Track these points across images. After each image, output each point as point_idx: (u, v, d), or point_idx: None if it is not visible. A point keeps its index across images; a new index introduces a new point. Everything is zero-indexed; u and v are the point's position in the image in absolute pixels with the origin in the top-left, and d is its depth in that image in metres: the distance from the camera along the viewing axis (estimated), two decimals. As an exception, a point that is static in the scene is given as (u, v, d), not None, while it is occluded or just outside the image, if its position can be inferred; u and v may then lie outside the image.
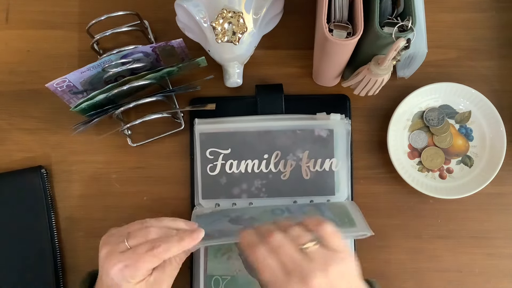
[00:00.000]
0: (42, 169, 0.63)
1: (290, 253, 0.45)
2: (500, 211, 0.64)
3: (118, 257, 0.49)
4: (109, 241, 0.51)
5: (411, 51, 0.59)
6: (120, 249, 0.50)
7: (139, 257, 0.49)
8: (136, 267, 0.48)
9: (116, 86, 0.58)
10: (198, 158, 0.62)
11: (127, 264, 0.48)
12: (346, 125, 0.62)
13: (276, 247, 0.46)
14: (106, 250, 0.50)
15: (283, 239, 0.46)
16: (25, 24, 0.67)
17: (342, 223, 0.55)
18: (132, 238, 0.50)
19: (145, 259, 0.48)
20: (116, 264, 0.48)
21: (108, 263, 0.49)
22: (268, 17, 0.60)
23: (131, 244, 0.50)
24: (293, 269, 0.44)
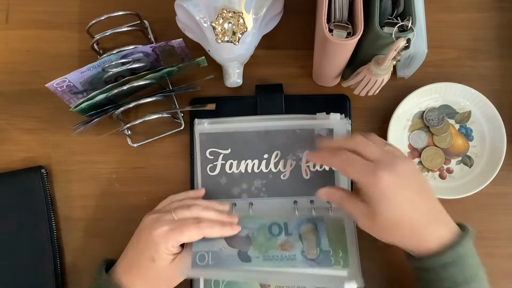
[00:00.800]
0: (42, 169, 0.63)
1: (374, 148, 0.52)
2: (500, 211, 0.64)
3: (166, 222, 0.52)
4: (156, 213, 0.55)
5: (411, 51, 0.59)
6: (167, 217, 0.53)
7: (186, 225, 0.52)
8: (181, 232, 0.52)
9: (116, 86, 0.58)
10: (198, 158, 0.62)
11: (173, 227, 0.52)
12: (346, 125, 0.62)
13: (361, 145, 0.53)
14: (153, 216, 0.54)
15: (366, 140, 0.53)
16: (25, 24, 0.67)
17: (335, 257, 0.56)
18: (178, 212, 0.54)
19: (190, 228, 0.52)
20: (163, 226, 0.52)
21: (155, 225, 0.52)
22: (268, 17, 0.60)
23: (178, 216, 0.53)
24: (379, 157, 0.51)
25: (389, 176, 0.49)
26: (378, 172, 0.49)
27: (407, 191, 0.50)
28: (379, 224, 0.50)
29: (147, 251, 0.52)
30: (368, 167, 0.50)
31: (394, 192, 0.49)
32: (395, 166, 0.50)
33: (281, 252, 0.56)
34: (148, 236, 0.52)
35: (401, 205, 0.49)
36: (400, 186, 0.50)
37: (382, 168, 0.49)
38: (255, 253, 0.56)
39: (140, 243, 0.53)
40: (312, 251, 0.56)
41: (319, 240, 0.57)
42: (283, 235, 0.57)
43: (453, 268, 0.50)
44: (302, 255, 0.56)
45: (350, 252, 0.57)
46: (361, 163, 0.51)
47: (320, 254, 0.56)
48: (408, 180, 0.50)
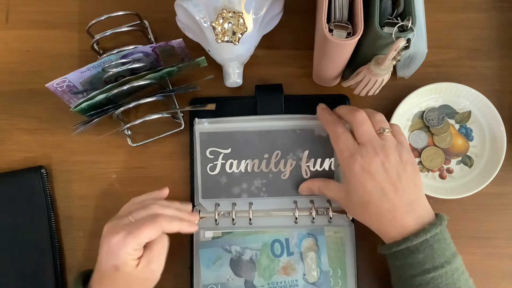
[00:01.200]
0: (42, 169, 0.63)
1: (368, 129, 0.54)
2: (500, 211, 0.64)
3: (122, 227, 0.51)
4: (114, 219, 0.54)
5: (411, 51, 0.59)
6: (123, 222, 0.52)
7: (142, 224, 0.51)
8: (138, 233, 0.50)
9: (116, 86, 0.58)
10: (198, 158, 0.62)
11: (130, 231, 0.50)
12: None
13: (358, 122, 0.54)
14: (110, 223, 0.53)
15: (366, 118, 0.55)
16: (25, 24, 0.67)
17: (334, 277, 0.60)
18: (134, 213, 0.53)
19: (147, 226, 0.51)
20: (119, 232, 0.50)
21: (111, 233, 0.51)
22: (268, 17, 0.60)
23: (135, 218, 0.52)
24: (367, 141, 0.53)
25: (363, 163, 0.52)
26: (355, 156, 0.53)
27: (378, 180, 0.52)
28: (351, 202, 0.54)
29: (109, 261, 0.51)
30: (350, 148, 0.54)
31: (364, 178, 0.52)
32: (375, 156, 0.52)
33: (284, 277, 0.60)
34: (108, 245, 0.51)
35: (369, 191, 0.52)
36: (371, 174, 0.52)
37: (361, 154, 0.53)
38: (260, 281, 0.60)
39: (102, 253, 0.52)
40: (313, 273, 0.60)
41: (319, 258, 0.60)
42: (285, 255, 0.60)
43: (419, 254, 0.51)
44: (303, 280, 0.60)
45: (348, 270, 0.60)
46: (346, 142, 0.54)
47: (320, 275, 0.60)
48: (382, 172, 0.52)
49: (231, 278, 0.60)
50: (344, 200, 0.56)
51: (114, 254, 0.50)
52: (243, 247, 0.61)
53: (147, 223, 0.51)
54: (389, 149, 0.53)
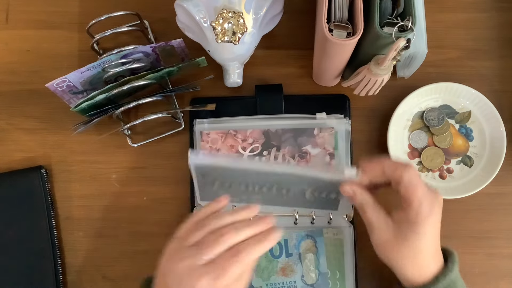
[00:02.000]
0: (42, 169, 0.63)
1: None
2: (500, 211, 0.64)
3: (204, 269, 0.46)
4: (183, 255, 0.47)
5: (411, 51, 0.59)
6: (199, 261, 0.46)
7: (227, 265, 0.46)
8: (225, 276, 0.45)
9: (116, 86, 0.58)
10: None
11: (215, 276, 0.45)
12: (346, 125, 0.62)
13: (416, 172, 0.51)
14: (186, 264, 0.46)
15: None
16: (25, 24, 0.67)
17: (332, 279, 0.60)
18: (207, 249, 0.47)
19: (232, 266, 0.46)
20: (203, 277, 0.45)
21: (192, 278, 0.45)
22: (268, 17, 0.60)
23: (213, 254, 0.47)
24: (430, 187, 0.51)
25: (438, 213, 0.50)
26: (435, 206, 0.50)
27: (438, 227, 0.51)
28: (399, 247, 0.50)
29: None
30: (430, 195, 0.50)
31: (433, 229, 0.50)
32: (440, 202, 0.51)
33: (282, 278, 0.60)
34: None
35: (430, 239, 0.50)
36: (438, 224, 0.51)
37: (436, 202, 0.50)
38: (258, 281, 0.60)
39: None
40: (311, 275, 0.60)
41: (317, 260, 0.60)
42: (284, 256, 0.60)
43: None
44: (302, 281, 0.60)
45: (346, 272, 0.60)
46: (426, 188, 0.50)
47: (319, 277, 0.60)
48: (440, 216, 0.51)
49: None
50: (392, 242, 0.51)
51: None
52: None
53: (231, 262, 0.46)
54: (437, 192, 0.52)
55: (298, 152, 0.62)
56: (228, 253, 0.47)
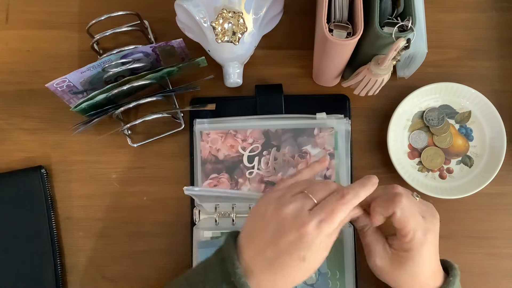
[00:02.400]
0: (42, 169, 0.63)
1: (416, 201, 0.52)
2: (500, 211, 0.64)
3: (311, 215, 0.45)
4: (287, 200, 0.47)
5: (411, 51, 0.59)
6: (307, 206, 0.46)
7: (333, 208, 0.46)
8: (332, 218, 0.45)
9: (116, 86, 0.58)
10: (199, 158, 0.62)
11: (322, 218, 0.45)
12: (346, 125, 0.62)
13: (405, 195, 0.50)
14: (292, 209, 0.46)
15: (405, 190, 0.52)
16: (25, 24, 0.67)
17: (332, 279, 0.60)
18: (316, 193, 0.47)
19: (339, 208, 0.46)
20: (310, 222, 0.45)
21: (298, 222, 0.45)
22: (268, 17, 0.60)
23: (317, 199, 0.47)
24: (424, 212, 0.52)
25: (433, 238, 0.51)
26: (428, 234, 0.50)
27: (435, 250, 0.52)
28: (396, 272, 0.52)
29: (295, 251, 0.45)
30: (422, 224, 0.50)
31: (429, 253, 0.51)
32: (435, 226, 0.52)
33: None
34: (295, 238, 0.45)
35: (426, 263, 0.51)
36: (434, 247, 0.52)
37: (430, 228, 0.51)
38: None
39: (283, 244, 0.45)
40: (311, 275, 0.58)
41: None
42: None
43: None
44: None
45: (346, 272, 0.60)
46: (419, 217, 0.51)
47: (319, 277, 0.60)
48: (437, 239, 0.52)
49: None
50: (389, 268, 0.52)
51: (307, 243, 0.45)
52: None
53: (338, 204, 0.46)
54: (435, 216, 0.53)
55: (298, 152, 0.62)
56: (335, 196, 0.47)
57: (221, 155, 0.62)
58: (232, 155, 0.62)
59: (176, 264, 0.62)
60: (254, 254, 0.46)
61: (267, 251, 0.46)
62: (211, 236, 0.61)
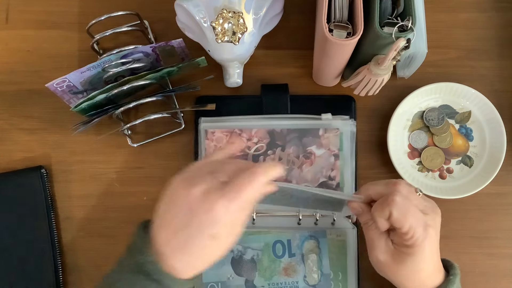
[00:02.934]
0: (42, 169, 0.63)
1: (417, 197, 0.52)
2: (500, 211, 0.64)
3: (219, 193, 0.45)
4: (197, 181, 0.46)
5: (411, 51, 0.59)
6: (215, 184, 0.45)
7: (242, 186, 0.45)
8: (241, 197, 0.44)
9: (116, 86, 0.58)
10: (203, 156, 0.62)
11: (231, 197, 0.44)
12: (351, 126, 0.62)
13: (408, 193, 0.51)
14: (199, 189, 0.45)
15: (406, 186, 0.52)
16: (25, 24, 0.67)
17: (335, 280, 0.60)
18: (221, 173, 0.46)
19: (246, 186, 0.45)
20: (220, 200, 0.44)
21: (206, 202, 0.44)
22: (268, 17, 0.60)
23: (228, 175, 0.46)
24: (425, 208, 0.51)
25: (435, 234, 0.51)
26: (429, 229, 0.50)
27: (436, 246, 0.52)
28: (397, 267, 0.52)
29: (206, 230, 0.45)
30: (422, 220, 0.50)
31: (430, 249, 0.51)
32: (436, 221, 0.52)
33: (285, 278, 0.60)
34: (205, 217, 0.44)
35: (428, 259, 0.51)
36: (435, 243, 0.52)
37: (431, 224, 0.51)
38: (260, 281, 0.60)
39: (193, 224, 0.45)
40: (314, 276, 0.60)
41: (320, 261, 0.60)
42: (287, 257, 0.61)
43: None
44: (304, 281, 0.60)
45: (349, 273, 0.60)
46: (417, 213, 0.50)
47: (321, 278, 0.60)
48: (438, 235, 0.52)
49: (232, 277, 0.60)
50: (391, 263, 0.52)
51: (216, 222, 0.44)
52: (244, 246, 0.61)
53: (244, 182, 0.45)
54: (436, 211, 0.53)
55: (303, 153, 0.62)
56: (243, 173, 0.46)
57: (225, 154, 0.62)
58: (237, 154, 0.62)
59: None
60: (166, 237, 0.46)
61: (179, 233, 0.45)
62: None
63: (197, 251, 0.46)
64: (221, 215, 0.44)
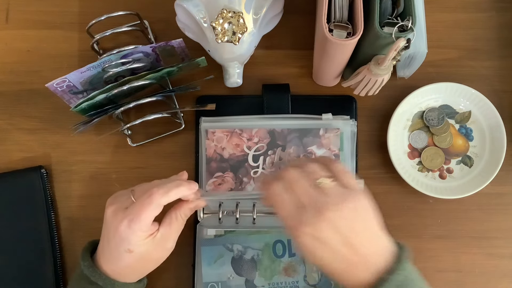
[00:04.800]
0: (42, 169, 0.63)
1: (305, 188, 0.47)
2: (500, 211, 0.64)
3: (123, 213, 0.50)
4: (115, 201, 0.53)
5: (411, 51, 0.59)
6: (124, 205, 0.51)
7: (141, 207, 0.50)
8: (139, 217, 0.49)
9: (116, 86, 0.58)
10: (204, 156, 0.62)
11: (132, 218, 0.50)
12: (352, 126, 0.62)
13: (292, 182, 0.47)
14: (112, 208, 0.52)
15: (298, 174, 0.48)
16: (25, 24, 0.67)
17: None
18: (135, 193, 0.52)
19: (146, 208, 0.50)
20: (122, 220, 0.50)
21: (115, 220, 0.50)
22: (268, 17, 0.60)
23: (136, 196, 0.52)
24: (308, 202, 0.46)
25: (311, 230, 0.45)
26: (301, 227, 0.45)
27: (330, 244, 0.45)
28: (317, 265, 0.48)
29: (121, 245, 0.51)
30: (293, 215, 0.46)
31: (314, 247, 0.45)
32: (320, 219, 0.45)
33: (285, 278, 0.60)
34: (114, 233, 0.50)
35: (321, 257, 0.46)
36: (321, 241, 0.45)
37: (305, 221, 0.45)
38: (261, 281, 0.60)
39: (111, 240, 0.51)
40: (314, 275, 0.60)
41: None
42: (287, 256, 0.61)
43: None
44: (304, 281, 0.60)
45: None
46: (287, 208, 0.47)
47: (321, 278, 0.60)
48: (333, 235, 0.45)
49: (232, 277, 0.60)
50: None
51: (125, 239, 0.50)
52: (245, 246, 0.61)
53: (144, 203, 0.50)
54: (332, 206, 0.45)
55: (303, 153, 0.62)
56: (144, 196, 0.50)
57: (226, 154, 0.62)
58: (237, 154, 0.62)
59: (179, 263, 0.62)
60: (101, 253, 0.53)
61: (105, 248, 0.52)
62: (214, 234, 0.61)
63: (123, 263, 0.52)
64: (127, 234, 0.50)
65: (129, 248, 0.51)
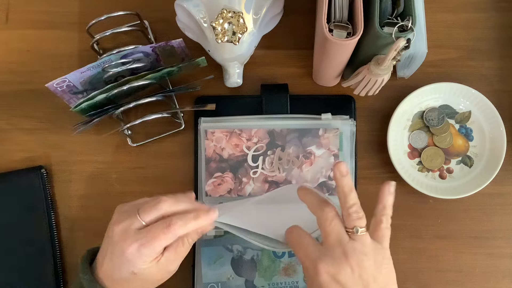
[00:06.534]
0: (42, 169, 0.63)
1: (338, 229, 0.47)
2: (500, 211, 0.64)
3: (134, 236, 0.48)
4: (121, 218, 0.50)
5: (411, 51, 0.59)
6: (135, 226, 0.49)
7: (156, 235, 0.48)
8: (153, 245, 0.48)
9: (116, 86, 0.58)
10: (203, 156, 0.62)
11: (143, 243, 0.48)
12: (351, 126, 0.62)
13: (328, 220, 0.47)
14: (120, 227, 0.49)
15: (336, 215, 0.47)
16: (25, 24, 0.67)
17: None
18: (145, 214, 0.50)
19: (161, 237, 0.48)
20: (132, 243, 0.48)
21: (124, 242, 0.49)
22: (268, 17, 0.60)
23: (146, 220, 0.49)
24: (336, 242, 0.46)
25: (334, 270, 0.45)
26: (319, 265, 0.45)
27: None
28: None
29: (125, 267, 0.49)
30: (312, 254, 0.47)
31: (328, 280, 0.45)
32: (345, 263, 0.45)
33: (285, 278, 0.60)
34: (121, 254, 0.48)
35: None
36: (341, 284, 0.45)
37: (326, 261, 0.45)
38: (260, 281, 0.60)
39: (115, 259, 0.49)
40: None
41: None
42: (287, 257, 0.61)
43: None
44: (304, 281, 0.60)
45: None
46: (306, 250, 0.47)
47: None
48: (352, 283, 0.45)
49: (232, 277, 0.60)
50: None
51: (131, 261, 0.48)
52: (244, 246, 0.61)
53: (161, 232, 0.48)
54: (362, 255, 0.45)
55: (303, 153, 0.62)
56: (162, 223, 0.49)
57: (225, 154, 0.62)
58: (237, 154, 0.62)
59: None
60: (100, 265, 0.51)
61: (107, 263, 0.50)
62: (214, 235, 0.61)
63: (124, 283, 0.50)
64: (134, 257, 0.48)
65: (133, 270, 0.49)
